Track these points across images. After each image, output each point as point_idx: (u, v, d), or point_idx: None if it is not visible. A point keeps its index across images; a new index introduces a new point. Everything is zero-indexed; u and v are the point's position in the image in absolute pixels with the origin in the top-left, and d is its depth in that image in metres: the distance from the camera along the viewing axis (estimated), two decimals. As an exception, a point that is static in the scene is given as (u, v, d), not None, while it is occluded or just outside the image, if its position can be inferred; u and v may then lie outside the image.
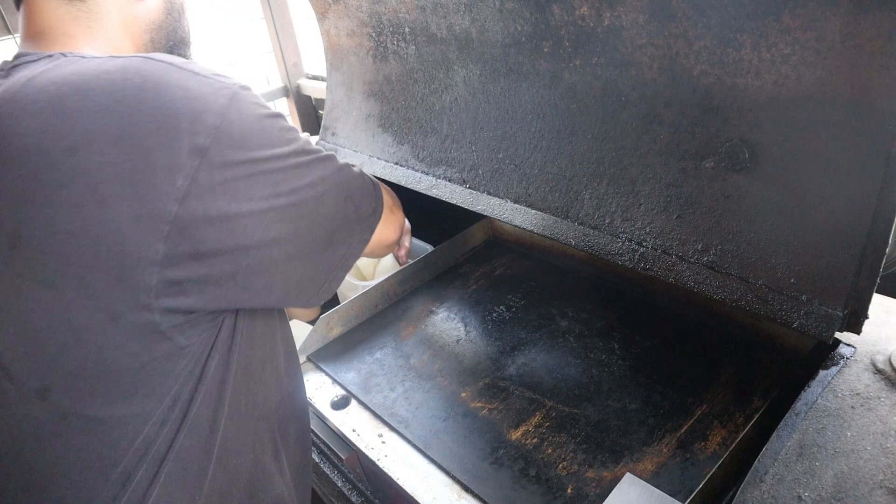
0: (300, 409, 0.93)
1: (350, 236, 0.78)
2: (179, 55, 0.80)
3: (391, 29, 1.42)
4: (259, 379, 0.78)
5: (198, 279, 0.62)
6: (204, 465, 0.71)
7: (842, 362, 0.91)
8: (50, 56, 0.66)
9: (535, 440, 1.01)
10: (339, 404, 1.13)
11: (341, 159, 0.79)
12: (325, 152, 0.76)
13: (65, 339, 0.60)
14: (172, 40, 0.82)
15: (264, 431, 0.81)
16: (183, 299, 0.62)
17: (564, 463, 0.96)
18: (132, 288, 0.59)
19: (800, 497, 0.72)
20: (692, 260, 0.98)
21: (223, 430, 0.72)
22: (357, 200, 0.78)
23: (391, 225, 0.90)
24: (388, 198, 0.87)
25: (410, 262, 1.46)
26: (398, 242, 1.00)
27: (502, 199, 1.29)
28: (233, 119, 0.62)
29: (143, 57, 0.62)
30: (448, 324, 1.32)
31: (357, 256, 0.80)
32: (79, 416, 0.62)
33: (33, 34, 0.73)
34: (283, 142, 0.68)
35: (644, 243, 1.04)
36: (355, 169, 0.81)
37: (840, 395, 0.85)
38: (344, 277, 0.80)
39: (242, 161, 0.62)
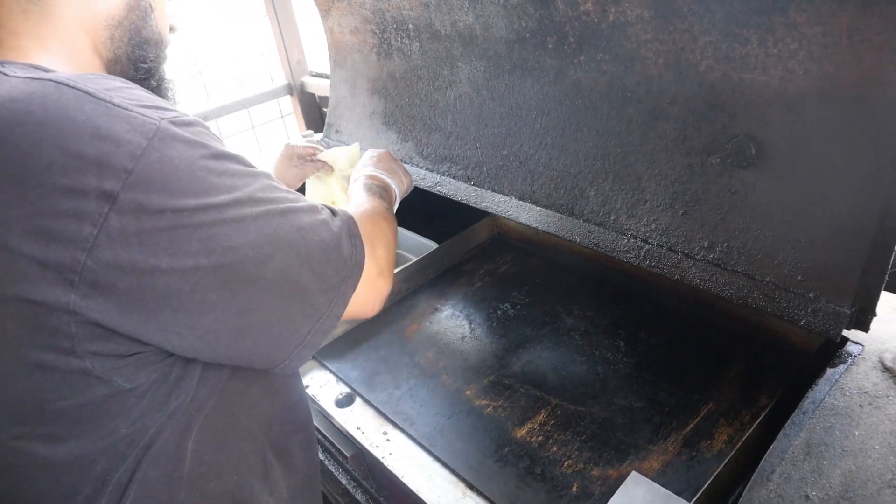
0: (302, 419, 0.88)
1: (313, 309, 0.65)
2: (142, 56, 0.75)
3: (395, 26, 1.42)
4: (241, 402, 0.74)
5: (123, 332, 0.57)
6: (173, 491, 0.68)
7: (849, 360, 0.90)
8: None
9: (540, 438, 1.00)
10: (344, 402, 1.13)
11: (319, 213, 0.68)
12: (290, 204, 0.64)
13: None
14: (136, 39, 0.74)
15: (250, 453, 0.76)
16: (113, 346, 0.57)
17: (570, 461, 0.96)
18: (52, 336, 0.54)
19: (807, 496, 0.71)
20: (698, 257, 0.98)
21: (195, 457, 0.69)
22: (319, 268, 0.65)
23: (370, 297, 0.74)
24: (372, 264, 0.73)
25: (415, 259, 1.46)
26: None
27: (507, 195, 1.29)
28: (151, 161, 0.54)
29: (58, 83, 0.55)
30: (453, 321, 1.32)
31: (327, 333, 0.68)
32: (26, 454, 0.60)
33: None
34: (222, 189, 0.58)
35: (649, 240, 1.04)
36: (333, 227, 0.68)
37: (848, 393, 0.84)
38: (311, 355, 0.69)
39: (162, 209, 0.54)
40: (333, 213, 0.72)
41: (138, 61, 0.75)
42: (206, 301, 0.58)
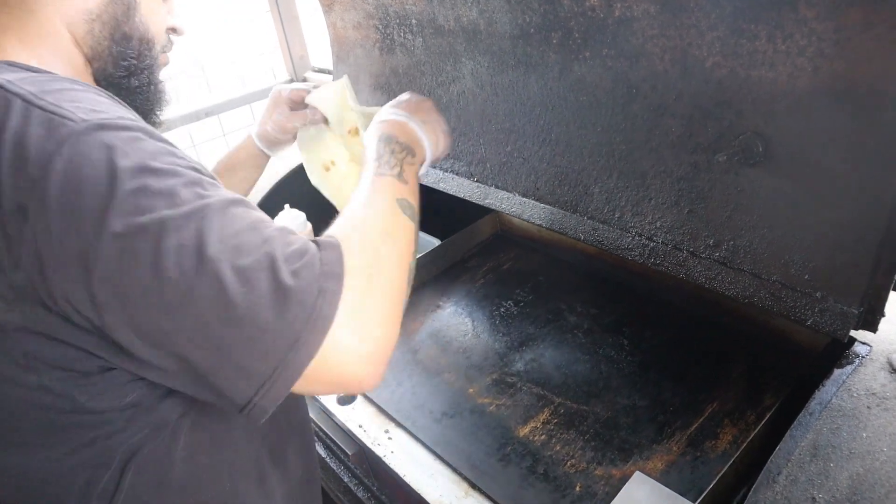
0: (299, 422, 0.86)
1: (253, 377, 0.51)
2: (122, 52, 0.71)
3: (398, 21, 1.41)
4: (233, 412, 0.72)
5: (79, 349, 0.54)
6: (164, 496, 0.67)
7: (857, 361, 0.89)
8: None
9: (543, 437, 1.00)
10: (345, 399, 1.12)
11: (272, 246, 0.52)
12: (220, 243, 0.50)
13: None
14: (116, 35, 0.70)
15: (246, 460, 0.75)
16: (71, 360, 0.54)
17: (573, 460, 0.95)
18: (4, 352, 0.52)
19: (814, 499, 0.71)
20: (703, 255, 0.96)
21: (187, 461, 0.67)
22: (252, 331, 0.50)
23: (348, 370, 0.54)
24: (356, 325, 0.53)
25: (417, 256, 1.45)
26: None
27: (510, 192, 1.28)
28: (56, 170, 0.48)
29: None
30: (455, 318, 1.31)
31: (282, 396, 0.53)
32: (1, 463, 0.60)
33: None
34: (129, 211, 0.48)
35: (654, 238, 1.03)
36: (283, 275, 0.50)
37: (855, 394, 0.83)
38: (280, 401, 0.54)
39: (65, 231, 0.48)
40: (315, 244, 0.56)
41: (119, 58, 0.71)
42: (128, 343, 0.51)
